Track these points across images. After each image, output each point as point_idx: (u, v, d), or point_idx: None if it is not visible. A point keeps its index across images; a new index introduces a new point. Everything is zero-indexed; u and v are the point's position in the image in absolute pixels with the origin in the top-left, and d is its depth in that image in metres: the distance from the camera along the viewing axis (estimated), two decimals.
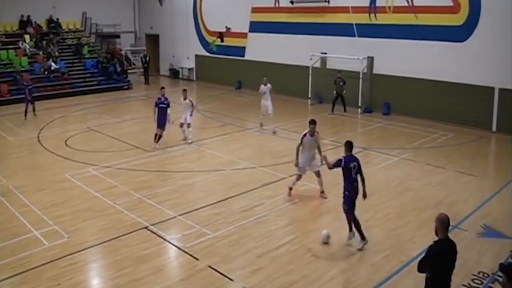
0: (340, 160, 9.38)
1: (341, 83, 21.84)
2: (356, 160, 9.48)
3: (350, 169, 9.33)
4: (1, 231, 10.27)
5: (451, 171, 14.02)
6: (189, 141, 17.05)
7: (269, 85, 18.61)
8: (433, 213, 10.09)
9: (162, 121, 16.34)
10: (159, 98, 16.43)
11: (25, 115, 21.20)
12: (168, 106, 16.44)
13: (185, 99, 17.12)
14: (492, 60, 18.20)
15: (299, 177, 12.09)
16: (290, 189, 12.15)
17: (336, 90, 21.97)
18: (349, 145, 9.54)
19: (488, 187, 12.82)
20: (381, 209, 11.35)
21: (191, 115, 17.17)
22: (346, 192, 9.42)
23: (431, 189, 12.75)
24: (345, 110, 22.05)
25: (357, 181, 9.43)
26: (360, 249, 9.36)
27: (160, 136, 16.47)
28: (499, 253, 9.22)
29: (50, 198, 12.15)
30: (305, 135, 11.85)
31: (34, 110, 21.62)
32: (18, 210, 11.34)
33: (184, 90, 17.43)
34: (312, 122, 11.80)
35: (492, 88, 18.37)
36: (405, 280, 8.28)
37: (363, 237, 9.44)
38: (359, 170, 9.42)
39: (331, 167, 9.42)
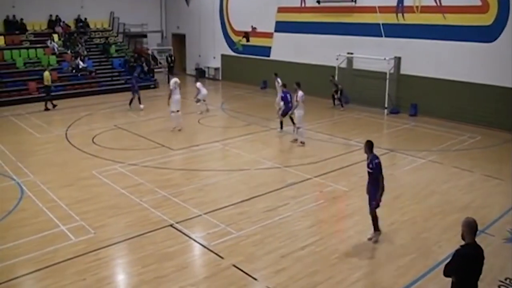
0: (379, 168, 9.38)
1: (333, 87, 23.10)
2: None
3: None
4: (28, 225, 10.46)
5: (478, 175, 13.80)
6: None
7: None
8: (459, 217, 9.97)
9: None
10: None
11: (130, 104, 23.50)
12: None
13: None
14: None
15: None
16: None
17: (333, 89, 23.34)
18: (370, 144, 9.55)
19: None
20: (407, 212, 11.22)
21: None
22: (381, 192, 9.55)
23: (458, 192, 12.55)
24: (334, 103, 23.39)
25: None
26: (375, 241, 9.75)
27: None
28: None
29: (77, 194, 12.32)
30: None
31: (139, 99, 23.45)
32: (45, 205, 11.54)
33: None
34: None
35: None
36: (431, 284, 8.16)
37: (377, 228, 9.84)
38: None
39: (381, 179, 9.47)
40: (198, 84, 22.12)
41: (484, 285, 7.66)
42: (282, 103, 18.03)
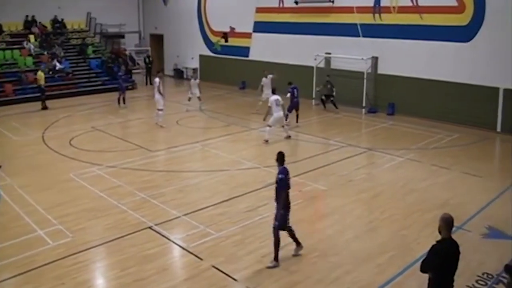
0: (286, 184, 8.64)
1: (329, 86, 22.49)
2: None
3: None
4: (6, 230, 10.30)
5: (456, 172, 13.97)
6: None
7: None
8: (438, 214, 9.98)
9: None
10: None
11: (119, 103, 23.87)
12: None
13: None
14: (497, 60, 18.13)
15: None
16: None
17: (325, 93, 22.58)
18: (281, 156, 8.89)
19: (493, 188, 12.75)
20: (386, 210, 11.31)
21: None
22: (282, 212, 8.74)
23: (436, 189, 12.70)
24: (336, 107, 22.31)
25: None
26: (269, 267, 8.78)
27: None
28: (503, 254, 9.17)
29: (55, 197, 12.17)
30: None
31: (124, 100, 23.95)
32: (22, 209, 11.36)
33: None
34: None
35: (497, 89, 18.30)
36: (410, 280, 8.25)
37: (276, 257, 8.82)
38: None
39: (286, 201, 8.74)
40: (192, 82, 22.63)
41: (462, 280, 7.80)
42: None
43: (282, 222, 8.77)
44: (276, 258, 8.79)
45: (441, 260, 5.87)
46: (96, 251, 9.50)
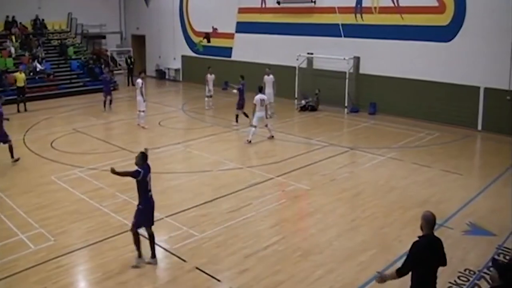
0: (137, 171, 8.57)
1: (315, 99, 22.85)
2: (150, 170, 8.87)
3: (147, 182, 8.77)
4: None
5: (437, 170, 14.11)
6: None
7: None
8: (419, 212, 10.08)
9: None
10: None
11: (104, 106, 23.23)
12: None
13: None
14: (477, 59, 18.36)
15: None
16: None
17: (311, 103, 22.83)
18: (144, 155, 8.81)
19: (473, 185, 12.94)
20: (368, 208, 11.40)
21: None
22: (140, 206, 8.77)
23: (417, 187, 12.83)
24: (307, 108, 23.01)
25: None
26: (135, 267, 8.78)
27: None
28: (485, 250, 9.31)
29: (36, 200, 12.03)
30: None
31: (110, 102, 23.46)
32: (3, 213, 11.21)
33: None
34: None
35: (478, 88, 18.52)
36: None
37: (140, 254, 8.87)
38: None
39: (122, 174, 8.67)
40: (209, 77, 23.27)
41: (444, 276, 7.88)
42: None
43: (139, 219, 8.73)
44: (139, 255, 8.83)
45: (422, 255, 5.89)
46: (78, 254, 9.41)
